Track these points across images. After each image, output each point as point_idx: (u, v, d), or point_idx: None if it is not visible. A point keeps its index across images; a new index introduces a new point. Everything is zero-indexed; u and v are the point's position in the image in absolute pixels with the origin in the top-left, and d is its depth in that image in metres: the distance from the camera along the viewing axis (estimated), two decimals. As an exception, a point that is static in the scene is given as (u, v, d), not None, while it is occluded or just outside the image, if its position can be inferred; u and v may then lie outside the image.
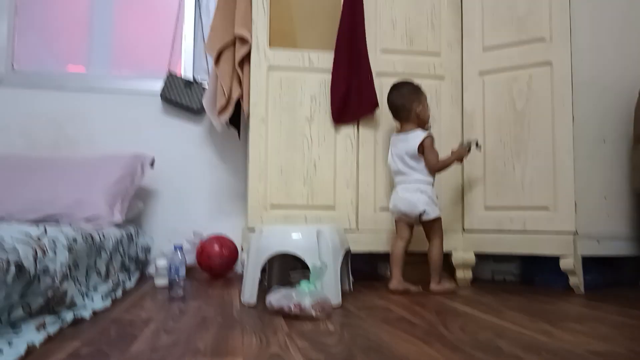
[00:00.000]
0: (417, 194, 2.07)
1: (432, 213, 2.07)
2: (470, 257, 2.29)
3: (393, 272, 2.08)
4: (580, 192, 2.09)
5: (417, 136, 2.10)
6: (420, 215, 2.06)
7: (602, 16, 2.21)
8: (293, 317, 1.49)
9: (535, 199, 2.17)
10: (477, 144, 2.17)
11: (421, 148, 2.08)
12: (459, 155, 2.15)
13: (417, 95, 2.16)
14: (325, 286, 1.67)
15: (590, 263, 2.13)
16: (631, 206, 2.19)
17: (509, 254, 2.30)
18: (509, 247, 2.21)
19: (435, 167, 2.12)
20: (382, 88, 2.34)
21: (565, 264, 2.06)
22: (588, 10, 2.18)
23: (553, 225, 2.11)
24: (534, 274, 2.30)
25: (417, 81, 2.26)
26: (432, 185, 2.13)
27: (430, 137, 2.11)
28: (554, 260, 2.10)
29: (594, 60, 2.17)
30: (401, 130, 2.19)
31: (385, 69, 2.36)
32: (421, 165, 2.10)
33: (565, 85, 2.13)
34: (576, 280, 2.06)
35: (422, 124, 2.17)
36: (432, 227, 2.11)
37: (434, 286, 2.08)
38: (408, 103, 2.14)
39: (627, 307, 1.71)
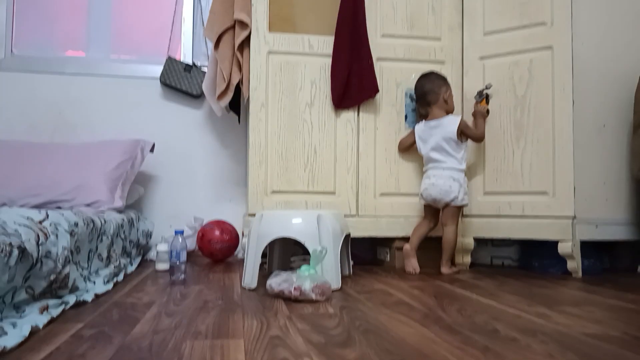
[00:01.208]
0: (449, 181, 2.15)
1: (462, 200, 2.17)
2: (469, 242, 2.30)
3: (411, 239, 2.20)
4: (579, 177, 2.10)
5: (453, 121, 2.19)
6: (451, 200, 2.14)
7: (604, 1, 2.19)
8: (293, 300, 1.50)
9: (535, 184, 2.18)
10: (486, 88, 2.26)
11: (459, 131, 2.18)
12: (481, 115, 2.26)
13: (444, 82, 2.26)
14: (325, 270, 1.68)
15: (588, 248, 2.15)
16: (630, 191, 2.20)
17: (507, 238, 2.32)
18: (508, 231, 2.23)
19: (482, 137, 2.25)
20: (382, 73, 2.34)
21: (563, 248, 2.08)
22: (590, -5, 2.17)
23: (552, 210, 2.12)
24: (533, 259, 2.32)
25: (417, 66, 2.33)
26: (465, 173, 2.21)
27: (461, 118, 2.21)
28: (553, 245, 2.11)
29: (595, 46, 2.17)
30: (430, 117, 2.24)
31: (386, 53, 2.35)
32: (458, 152, 2.19)
33: (566, 70, 2.12)
34: (574, 265, 2.08)
35: (450, 110, 2.26)
36: (453, 212, 2.18)
37: (445, 270, 2.14)
38: (437, 87, 2.23)
39: (624, 292, 1.73)
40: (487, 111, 2.27)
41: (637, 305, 1.50)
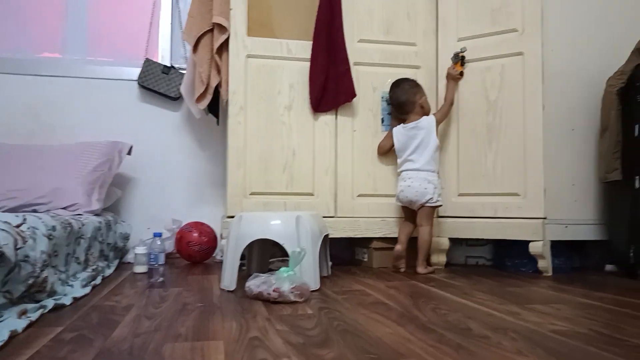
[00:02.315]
0: (425, 183, 2.20)
1: (437, 201, 2.22)
2: (445, 242, 2.36)
3: (400, 239, 2.24)
4: (550, 179, 2.18)
5: (429, 123, 2.26)
6: (426, 202, 2.20)
7: (573, 9, 2.27)
8: (272, 302, 1.53)
9: (506, 186, 2.24)
10: (461, 51, 2.33)
11: (437, 126, 2.28)
12: (453, 78, 2.34)
13: (418, 89, 2.32)
14: (303, 271, 1.71)
15: (558, 248, 2.22)
16: (598, 193, 2.28)
17: (481, 238, 2.38)
18: (481, 232, 2.29)
19: (452, 103, 2.34)
20: (358, 77, 2.38)
21: (534, 248, 2.15)
22: (560, 3, 2.24)
23: (523, 211, 2.19)
24: (505, 258, 2.38)
25: (393, 70, 2.37)
26: (438, 174, 2.27)
27: (433, 115, 2.31)
28: (524, 245, 2.18)
29: (565, 52, 2.24)
30: (408, 122, 2.30)
31: (363, 58, 2.39)
32: (434, 155, 2.25)
33: (536, 75, 2.19)
34: (545, 264, 2.15)
35: (427, 112, 2.32)
36: (428, 213, 2.23)
37: (421, 269, 2.18)
38: (412, 96, 2.29)
39: (592, 290, 1.79)
40: (461, 74, 2.34)
41: (603, 302, 1.57)
